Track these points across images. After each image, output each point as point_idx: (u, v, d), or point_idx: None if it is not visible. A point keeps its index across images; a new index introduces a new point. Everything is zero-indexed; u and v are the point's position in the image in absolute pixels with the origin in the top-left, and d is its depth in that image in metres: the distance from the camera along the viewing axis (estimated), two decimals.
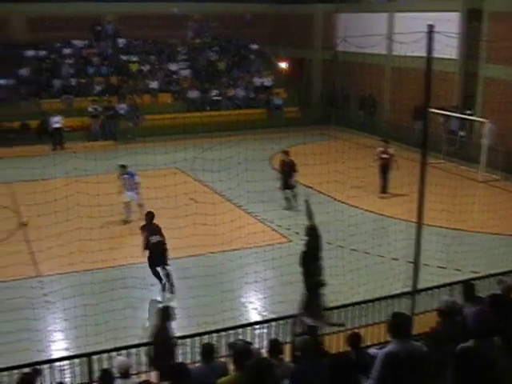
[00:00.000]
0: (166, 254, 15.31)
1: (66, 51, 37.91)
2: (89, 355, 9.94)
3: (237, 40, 41.12)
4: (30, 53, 36.81)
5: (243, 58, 40.68)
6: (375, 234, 19.16)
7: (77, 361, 10.06)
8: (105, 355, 9.93)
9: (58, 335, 13.08)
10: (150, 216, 15.64)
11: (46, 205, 15.41)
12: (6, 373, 9.22)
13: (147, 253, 15.17)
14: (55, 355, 11.27)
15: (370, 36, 26.01)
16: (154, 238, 15.22)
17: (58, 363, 10.05)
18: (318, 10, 39.11)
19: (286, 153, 21.96)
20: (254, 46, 41.47)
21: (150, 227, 15.46)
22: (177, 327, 11.75)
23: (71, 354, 10.99)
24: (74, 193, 15.82)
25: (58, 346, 12.51)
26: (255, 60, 40.92)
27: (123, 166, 20.19)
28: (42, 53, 37.24)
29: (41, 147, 30.31)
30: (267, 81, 38.85)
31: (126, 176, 20.11)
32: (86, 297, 13.78)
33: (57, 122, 31.58)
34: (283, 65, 41.03)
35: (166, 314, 10.31)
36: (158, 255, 15.22)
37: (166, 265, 15.36)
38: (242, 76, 38.98)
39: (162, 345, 9.98)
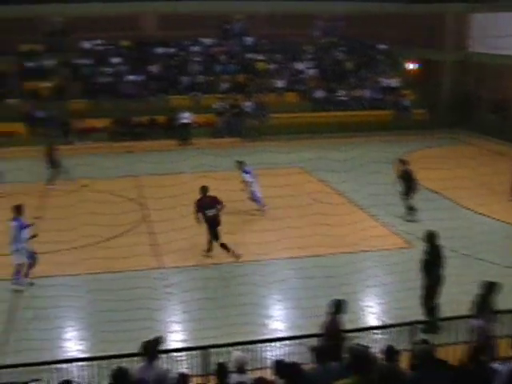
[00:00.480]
0: (218, 228, 15.97)
1: (195, 49, 38.74)
2: (206, 348, 10.00)
3: (364, 40, 40.53)
4: (160, 50, 37.96)
5: (371, 59, 40.07)
6: (504, 243, 18.25)
7: (194, 353, 10.14)
8: (222, 349, 9.95)
9: (177, 326, 13.25)
10: (204, 189, 16.19)
11: (173, 198, 15.71)
12: (126, 359, 9.40)
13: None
14: (173, 346, 11.42)
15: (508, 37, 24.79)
16: (210, 212, 15.89)
17: (175, 354, 10.18)
18: (449, 10, 37.88)
19: (402, 162, 20.68)
20: (382, 46, 40.75)
21: (205, 201, 16.06)
22: (294, 327, 11.70)
23: (189, 345, 11.09)
24: (198, 188, 16.07)
25: (177, 337, 12.68)
26: (383, 60, 40.21)
27: (240, 162, 20.42)
28: (171, 50, 38.25)
29: (168, 142, 31.12)
30: (394, 82, 38.05)
31: (248, 169, 20.19)
32: (207, 291, 13.94)
33: (185, 117, 32.33)
34: (411, 65, 40.11)
35: (338, 307, 10.25)
36: (212, 228, 15.86)
37: (217, 239, 15.86)
38: (369, 76, 38.39)
39: (332, 338, 9.89)
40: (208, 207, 16.08)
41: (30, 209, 19.60)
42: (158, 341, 9.03)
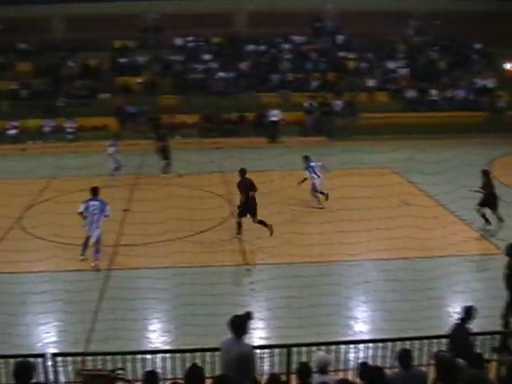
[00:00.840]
0: (256, 207, 17.22)
1: (285, 46, 38.66)
2: (289, 346, 9.94)
3: (459, 39, 39.46)
4: (251, 47, 38.15)
5: (465, 58, 38.99)
6: None
7: (276, 351, 10.10)
8: (304, 348, 9.87)
9: (260, 323, 13.25)
10: (243, 171, 17.54)
11: (261, 196, 15.72)
12: (208, 353, 9.47)
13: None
14: (256, 343, 11.42)
15: None
16: (251, 194, 17.14)
17: (258, 350, 10.15)
18: None
19: (485, 173, 19.02)
20: (478, 46, 39.59)
21: (246, 183, 17.42)
22: (377, 329, 11.50)
23: (271, 343, 11.06)
24: (287, 186, 16.04)
25: (260, 334, 12.68)
26: (478, 60, 39.05)
27: (305, 157, 20.29)
28: (262, 47, 38.36)
29: (257, 139, 31.23)
30: (490, 82, 36.90)
31: (312, 164, 20.18)
32: (291, 289, 13.87)
33: (274, 115, 32.35)
34: (508, 65, 38.80)
35: (469, 313, 10.05)
36: (250, 208, 17.28)
37: (255, 216, 17.25)
38: (463, 76, 37.37)
39: (460, 343, 9.73)
40: (249, 189, 17.31)
41: (122, 201, 20.16)
42: (247, 316, 8.96)
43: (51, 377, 9.63)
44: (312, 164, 20.25)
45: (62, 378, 9.83)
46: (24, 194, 21.64)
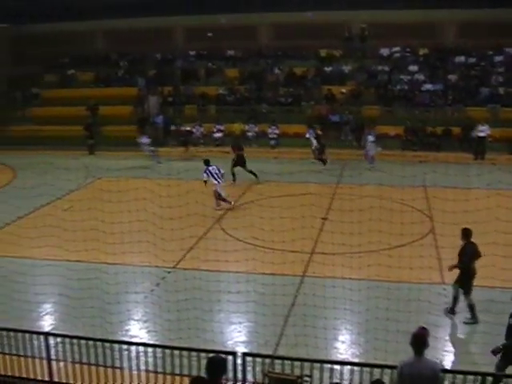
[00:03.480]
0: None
1: (498, 58, 36.86)
2: (483, 375, 9.33)
3: None
4: (460, 59, 36.82)
5: None
6: None
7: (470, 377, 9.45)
8: None
9: (454, 346, 12.59)
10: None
11: (463, 214, 15.00)
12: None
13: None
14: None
15: None
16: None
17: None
18: None
19: None
20: None
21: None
22: None
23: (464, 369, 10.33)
24: (493, 206, 15.15)
25: (450, 358, 12.05)
26: None
27: (206, 161, 22.59)
28: (472, 59, 36.85)
29: (462, 155, 30.03)
30: None
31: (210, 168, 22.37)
32: (490, 315, 13.01)
33: (482, 130, 30.84)
34: None
35: None
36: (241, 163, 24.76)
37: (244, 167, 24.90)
38: None
39: None
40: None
41: (321, 209, 20.20)
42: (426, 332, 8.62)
43: (239, 375, 9.80)
44: (210, 168, 22.07)
45: (249, 378, 9.94)
46: (227, 195, 22.47)
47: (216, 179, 21.97)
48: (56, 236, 17.23)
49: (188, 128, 34.86)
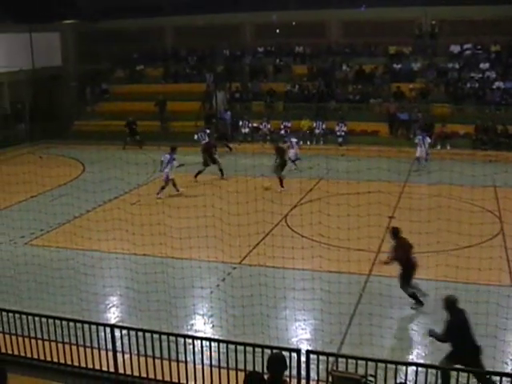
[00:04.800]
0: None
1: None
2: None
3: None
4: None
5: None
6: None
7: None
8: None
9: None
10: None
11: None
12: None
13: None
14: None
15: None
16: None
17: None
18: None
19: None
20: None
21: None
22: None
23: None
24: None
25: None
26: None
27: (172, 149, 24.24)
28: None
29: None
30: None
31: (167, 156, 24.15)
32: None
33: None
34: None
35: None
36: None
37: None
38: None
39: None
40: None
41: (388, 207, 20.00)
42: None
43: (303, 372, 9.82)
44: (167, 155, 23.92)
45: (313, 375, 9.92)
46: (293, 192, 22.50)
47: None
48: (123, 230, 17.58)
49: (255, 124, 35.01)
